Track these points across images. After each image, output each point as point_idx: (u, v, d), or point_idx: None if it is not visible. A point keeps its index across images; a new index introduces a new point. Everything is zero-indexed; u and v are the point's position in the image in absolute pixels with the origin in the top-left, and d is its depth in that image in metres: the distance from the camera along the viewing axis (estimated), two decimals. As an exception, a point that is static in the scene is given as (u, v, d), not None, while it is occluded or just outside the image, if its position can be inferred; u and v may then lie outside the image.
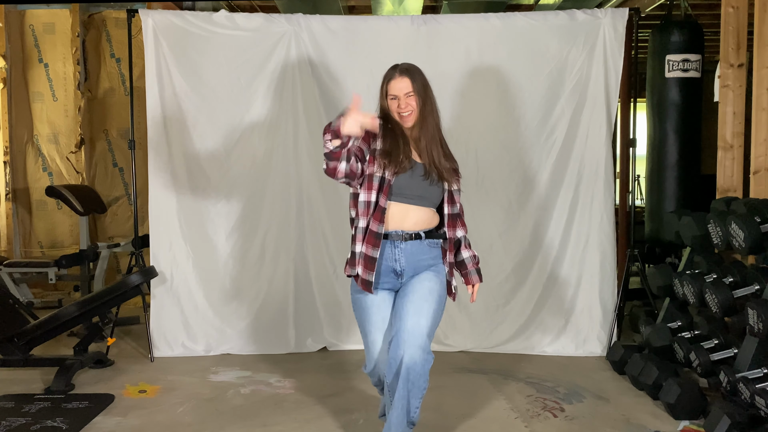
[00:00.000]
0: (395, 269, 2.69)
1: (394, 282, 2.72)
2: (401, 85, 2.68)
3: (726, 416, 2.79)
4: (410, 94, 2.68)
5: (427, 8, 6.04)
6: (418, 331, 2.55)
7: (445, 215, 2.75)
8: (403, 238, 2.68)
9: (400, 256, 2.68)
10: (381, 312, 2.71)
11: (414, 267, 2.70)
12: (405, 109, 2.68)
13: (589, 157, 4.22)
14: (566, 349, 4.25)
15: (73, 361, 3.74)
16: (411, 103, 2.68)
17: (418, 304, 2.61)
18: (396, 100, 2.68)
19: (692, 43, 4.70)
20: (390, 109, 2.71)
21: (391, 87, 2.69)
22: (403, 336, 2.54)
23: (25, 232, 6.38)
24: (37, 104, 6.33)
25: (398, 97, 2.68)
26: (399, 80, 2.69)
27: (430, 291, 2.66)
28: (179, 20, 4.19)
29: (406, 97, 2.68)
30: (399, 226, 2.68)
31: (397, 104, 2.68)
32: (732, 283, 3.24)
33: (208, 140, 4.25)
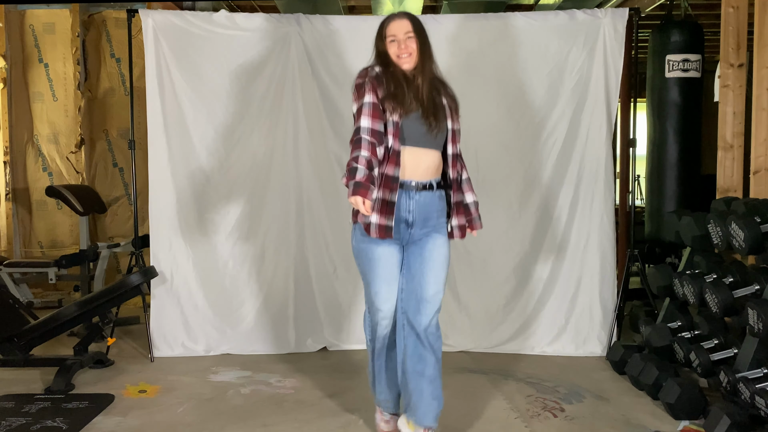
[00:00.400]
0: (407, 219, 2.71)
1: (404, 233, 2.73)
2: (401, 25, 2.70)
3: (726, 416, 2.79)
4: (410, 34, 2.70)
5: (427, 8, 6.04)
6: (437, 299, 2.70)
7: (449, 155, 2.76)
8: (417, 188, 2.69)
9: (414, 207, 2.70)
10: (388, 265, 2.74)
11: (424, 218, 2.73)
12: (405, 51, 2.69)
13: (589, 157, 4.22)
14: (566, 349, 4.25)
15: (73, 361, 3.74)
16: (410, 45, 2.69)
17: (437, 273, 2.72)
18: (395, 42, 2.69)
19: (692, 43, 4.70)
20: (389, 52, 2.71)
21: (391, 27, 2.71)
22: (424, 304, 2.68)
23: (25, 232, 6.38)
24: (37, 104, 6.33)
25: (397, 38, 2.69)
26: (399, 21, 2.72)
27: (446, 258, 2.76)
28: (179, 20, 4.19)
29: (405, 38, 2.69)
30: (412, 174, 2.69)
31: (396, 46, 2.69)
32: (732, 283, 3.24)
33: (208, 140, 4.25)
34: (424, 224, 2.73)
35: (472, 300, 4.32)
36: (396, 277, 2.77)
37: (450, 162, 2.77)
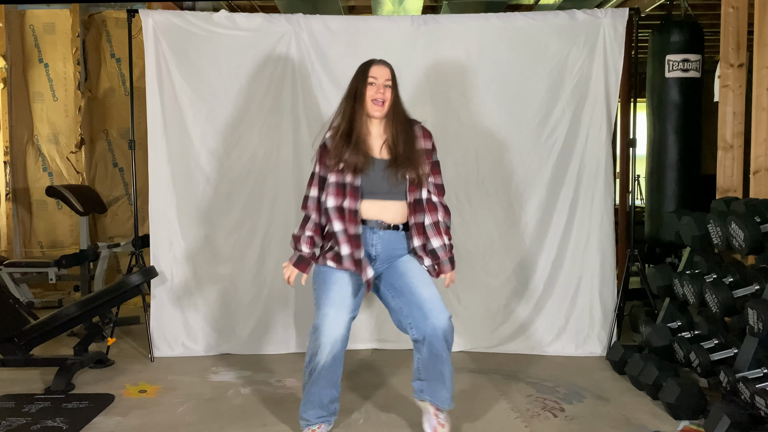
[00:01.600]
0: (370, 254, 2.83)
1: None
2: (382, 72, 2.82)
3: (726, 416, 2.79)
4: (389, 83, 2.82)
5: (427, 8, 6.04)
6: (435, 296, 2.78)
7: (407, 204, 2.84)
8: (382, 227, 2.83)
9: (377, 242, 2.83)
10: (342, 290, 2.80)
11: (388, 254, 2.86)
12: (381, 96, 2.79)
13: (589, 157, 4.22)
14: (566, 349, 4.25)
15: (73, 361, 3.74)
16: (387, 93, 2.81)
17: (423, 278, 2.82)
18: (375, 85, 2.79)
19: (692, 43, 4.70)
20: (365, 94, 2.80)
21: (373, 70, 2.81)
22: (427, 305, 2.75)
23: (25, 232, 6.38)
24: (37, 104, 6.33)
25: (377, 82, 2.79)
26: (381, 67, 2.84)
27: (419, 268, 2.86)
28: (179, 20, 4.19)
29: (384, 84, 2.80)
30: (378, 216, 2.83)
31: (375, 89, 2.79)
32: (732, 283, 3.24)
33: (208, 140, 4.25)
34: (388, 256, 2.87)
35: (472, 300, 4.32)
36: (347, 305, 2.80)
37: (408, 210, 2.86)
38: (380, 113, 2.82)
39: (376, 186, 2.81)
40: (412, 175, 2.81)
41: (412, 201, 2.83)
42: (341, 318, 2.78)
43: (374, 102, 2.79)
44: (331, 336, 2.76)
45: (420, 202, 2.85)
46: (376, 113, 2.81)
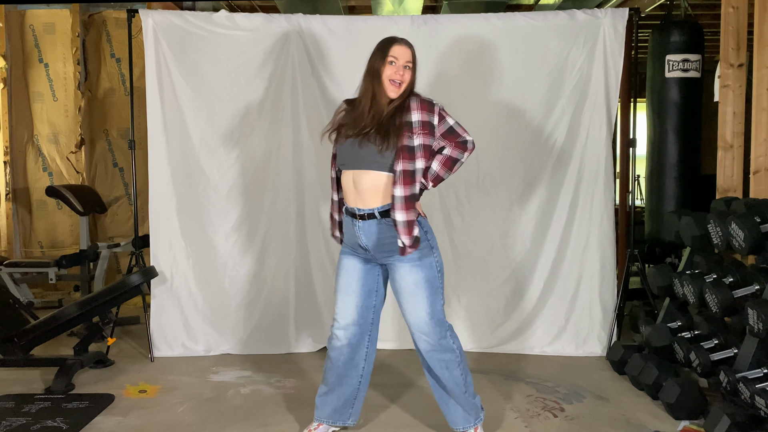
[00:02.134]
0: (360, 244, 2.76)
1: (365, 254, 2.80)
2: (404, 52, 2.72)
3: (726, 416, 2.79)
4: (409, 64, 2.73)
5: (427, 8, 6.04)
6: (421, 322, 2.74)
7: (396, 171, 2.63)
8: (361, 217, 2.71)
9: (361, 233, 2.74)
10: (347, 276, 2.83)
11: (379, 246, 2.73)
12: (399, 77, 2.69)
13: (589, 157, 4.22)
14: (566, 349, 4.25)
15: (73, 361, 3.74)
16: (406, 74, 2.72)
17: (412, 301, 2.74)
18: (394, 65, 2.69)
19: (692, 43, 4.70)
20: (382, 72, 2.69)
21: (394, 50, 2.71)
22: (412, 331, 2.79)
23: (25, 232, 6.38)
24: (37, 104, 6.33)
25: (397, 62, 2.70)
26: (403, 47, 2.74)
27: (416, 284, 2.72)
28: (179, 20, 4.19)
29: (404, 65, 2.71)
30: (354, 202, 2.73)
31: (394, 69, 2.69)
32: (732, 283, 3.24)
33: (208, 140, 4.25)
34: (380, 250, 2.74)
35: (472, 300, 4.32)
36: (354, 291, 2.82)
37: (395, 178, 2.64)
38: (395, 94, 2.72)
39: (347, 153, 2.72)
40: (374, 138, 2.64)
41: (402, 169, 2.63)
42: (348, 304, 2.83)
43: (391, 82, 2.70)
44: (343, 322, 2.84)
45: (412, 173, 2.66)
46: (391, 94, 2.71)
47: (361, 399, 2.99)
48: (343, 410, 2.97)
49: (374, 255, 2.77)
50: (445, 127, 2.78)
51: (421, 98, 2.76)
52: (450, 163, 2.79)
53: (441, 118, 2.77)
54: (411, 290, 2.73)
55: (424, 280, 2.72)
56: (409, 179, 2.66)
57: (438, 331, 2.75)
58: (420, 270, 2.72)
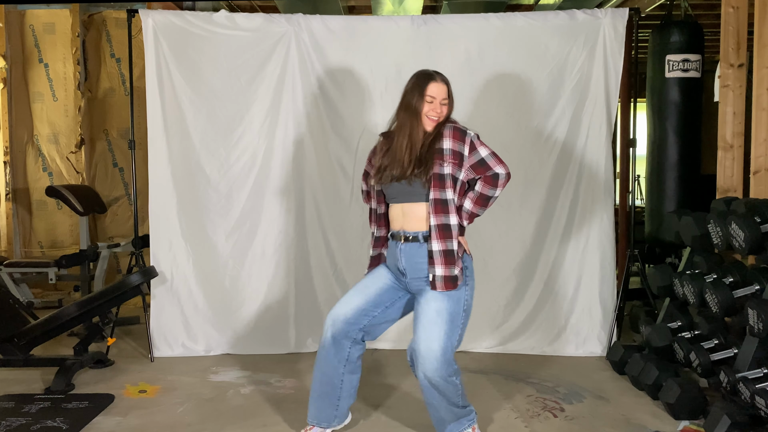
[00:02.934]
0: (398, 267, 2.80)
1: (401, 279, 2.82)
2: (441, 90, 2.77)
3: (726, 416, 2.79)
4: (445, 102, 2.79)
5: (427, 8, 6.04)
6: (431, 355, 2.65)
7: (429, 200, 2.71)
8: (405, 239, 2.76)
9: (401, 256, 2.77)
10: (370, 280, 2.88)
11: (413, 269, 2.75)
12: (436, 114, 2.75)
13: (589, 157, 4.22)
14: (566, 349, 4.25)
15: (73, 361, 3.74)
16: (443, 110, 2.78)
17: (428, 328, 2.67)
18: (433, 103, 2.75)
19: (692, 43, 4.70)
20: (421, 109, 2.75)
21: (431, 89, 2.75)
22: (419, 359, 2.68)
23: (25, 232, 6.38)
24: (37, 104, 6.33)
25: (435, 101, 2.75)
26: (440, 85, 2.78)
27: (438, 312, 2.67)
28: (179, 20, 4.19)
29: (441, 102, 2.76)
30: (401, 226, 2.79)
31: (431, 107, 2.74)
32: (732, 283, 3.24)
33: (208, 140, 4.25)
34: (415, 275, 2.75)
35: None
36: (366, 294, 2.84)
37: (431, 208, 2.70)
38: (431, 126, 2.78)
39: (395, 189, 2.78)
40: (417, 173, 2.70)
41: (435, 198, 2.69)
42: (352, 302, 2.84)
43: (429, 118, 2.76)
44: (333, 312, 2.85)
45: (442, 202, 2.70)
46: (428, 127, 2.78)
47: (345, 402, 2.95)
48: (326, 410, 2.94)
49: (409, 281, 2.78)
50: (476, 158, 2.75)
51: (455, 126, 2.78)
52: (482, 201, 2.76)
53: (472, 148, 2.75)
54: (431, 318, 2.67)
55: (447, 311, 2.68)
56: (440, 207, 2.69)
57: (444, 369, 2.67)
58: (446, 300, 2.69)
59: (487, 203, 2.77)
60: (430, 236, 2.70)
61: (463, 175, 2.74)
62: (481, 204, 2.77)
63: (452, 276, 2.68)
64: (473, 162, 2.74)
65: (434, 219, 2.69)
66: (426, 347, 2.65)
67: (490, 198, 2.77)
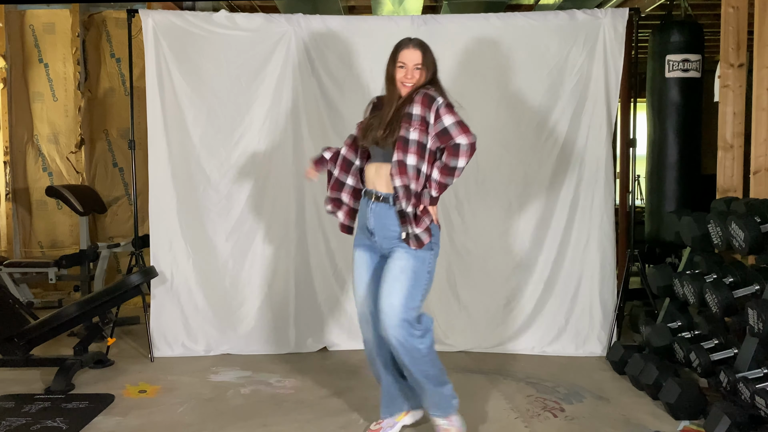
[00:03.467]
0: (368, 227, 2.85)
1: (372, 241, 2.87)
2: (412, 56, 2.80)
3: (726, 416, 2.79)
4: (419, 66, 2.80)
5: (427, 8, 6.04)
6: (392, 312, 2.70)
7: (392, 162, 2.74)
8: (375, 198, 2.82)
9: (371, 216, 2.83)
10: (358, 269, 2.94)
11: (381, 228, 2.81)
12: (409, 79, 2.79)
13: (589, 157, 4.22)
14: (566, 349, 4.25)
15: (73, 361, 3.74)
16: (416, 75, 2.80)
17: (390, 284, 2.74)
18: (404, 68, 2.80)
19: (692, 43, 4.70)
20: (395, 76, 2.82)
21: (402, 55, 2.81)
22: (382, 317, 2.73)
23: (25, 232, 6.38)
24: (37, 104, 6.33)
25: (406, 66, 2.79)
26: (411, 51, 2.81)
27: (402, 269, 2.74)
28: (179, 20, 4.19)
29: (413, 68, 2.80)
30: (373, 185, 2.86)
31: (404, 73, 2.80)
32: (732, 283, 3.24)
33: (208, 140, 4.25)
34: (384, 235, 2.81)
35: (472, 300, 4.32)
36: (365, 282, 2.92)
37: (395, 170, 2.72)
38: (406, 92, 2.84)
39: (374, 150, 2.87)
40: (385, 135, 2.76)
41: (396, 160, 2.72)
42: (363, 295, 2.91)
43: (403, 84, 2.82)
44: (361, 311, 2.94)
45: (403, 164, 2.70)
46: (403, 93, 2.84)
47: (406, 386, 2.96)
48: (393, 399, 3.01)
49: (380, 242, 2.83)
50: (439, 126, 2.69)
51: (426, 92, 2.75)
52: (446, 171, 2.72)
53: (437, 116, 2.70)
54: (394, 274, 2.74)
55: (411, 269, 2.74)
56: (403, 170, 2.70)
57: (406, 329, 2.70)
58: (411, 259, 2.75)
59: (452, 173, 2.71)
60: (397, 197, 2.72)
61: (430, 142, 2.72)
62: (446, 174, 2.72)
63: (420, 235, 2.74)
64: (437, 130, 2.70)
65: (397, 180, 2.71)
66: (388, 304, 2.71)
67: (455, 168, 2.70)
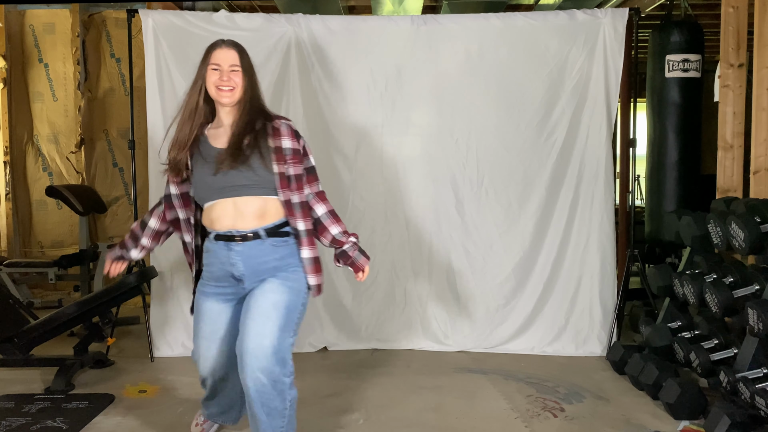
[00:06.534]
0: (233, 273, 2.43)
1: (235, 288, 2.47)
2: (227, 56, 2.47)
3: (726, 416, 2.79)
4: (235, 68, 2.46)
5: (427, 8, 6.04)
6: (261, 353, 2.30)
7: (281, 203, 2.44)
8: (239, 239, 2.40)
9: (236, 260, 2.40)
10: (212, 323, 2.52)
11: (256, 271, 2.42)
12: (226, 83, 2.43)
13: (589, 157, 4.22)
14: (566, 349, 4.25)
15: (73, 361, 3.74)
16: (234, 78, 2.45)
17: (260, 322, 2.34)
18: (218, 71, 2.45)
19: (692, 43, 4.70)
20: (207, 81, 2.46)
21: (215, 56, 2.47)
22: (246, 359, 2.32)
23: (25, 232, 6.38)
24: (37, 104, 6.33)
25: (221, 68, 2.45)
26: (225, 50, 2.48)
27: (274, 305, 2.38)
28: (179, 20, 4.18)
29: (230, 70, 2.45)
30: (232, 224, 2.41)
31: (219, 76, 2.44)
32: (732, 283, 3.24)
33: (208, 140, 4.25)
34: (257, 274, 2.43)
35: (472, 300, 4.32)
36: (221, 337, 2.53)
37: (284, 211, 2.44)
38: (229, 100, 2.45)
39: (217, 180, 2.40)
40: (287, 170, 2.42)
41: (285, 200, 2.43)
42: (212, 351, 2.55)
43: (220, 90, 2.43)
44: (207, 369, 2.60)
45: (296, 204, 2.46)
46: (224, 99, 2.44)
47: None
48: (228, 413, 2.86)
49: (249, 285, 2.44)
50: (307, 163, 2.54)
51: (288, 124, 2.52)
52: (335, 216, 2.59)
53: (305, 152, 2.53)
54: (265, 311, 2.36)
55: (284, 304, 2.40)
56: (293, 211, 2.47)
57: (277, 370, 2.32)
58: (283, 290, 2.42)
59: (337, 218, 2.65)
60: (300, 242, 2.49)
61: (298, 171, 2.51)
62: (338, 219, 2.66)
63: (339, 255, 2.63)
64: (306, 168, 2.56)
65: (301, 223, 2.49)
66: (257, 344, 2.31)
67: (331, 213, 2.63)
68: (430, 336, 4.34)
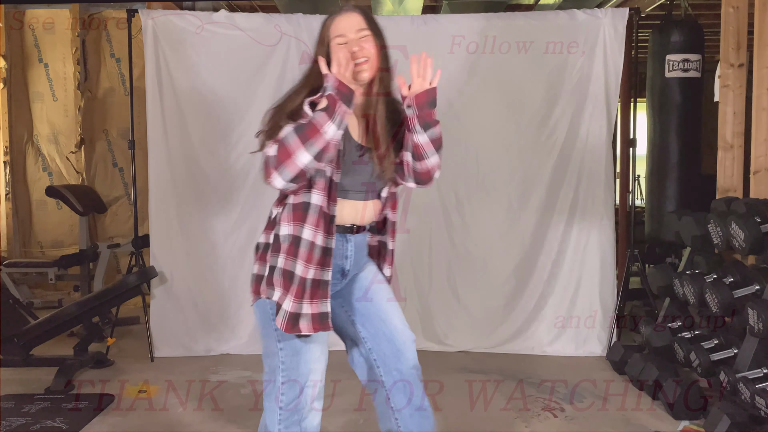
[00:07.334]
0: (344, 268, 2.09)
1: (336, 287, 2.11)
2: (351, 21, 1.92)
3: (726, 416, 2.79)
4: (365, 32, 1.92)
5: (427, 8, 6.04)
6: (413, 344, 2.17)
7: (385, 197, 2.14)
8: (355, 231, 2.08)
9: (351, 252, 2.08)
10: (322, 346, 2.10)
11: (358, 263, 2.14)
12: (361, 54, 1.89)
13: (589, 157, 4.22)
14: (566, 349, 4.25)
15: (73, 361, 3.74)
16: (367, 46, 1.90)
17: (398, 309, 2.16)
18: (346, 44, 1.91)
19: (692, 43, 4.70)
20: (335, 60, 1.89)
21: (337, 26, 1.93)
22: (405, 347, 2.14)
23: (25, 232, 6.38)
24: (37, 104, 6.33)
25: (348, 38, 1.91)
26: (347, 16, 1.93)
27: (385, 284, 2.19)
28: (179, 20, 4.19)
29: (359, 37, 1.91)
30: (353, 219, 2.07)
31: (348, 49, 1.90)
32: (732, 283, 3.24)
33: (208, 140, 4.25)
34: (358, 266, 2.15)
35: (472, 300, 4.32)
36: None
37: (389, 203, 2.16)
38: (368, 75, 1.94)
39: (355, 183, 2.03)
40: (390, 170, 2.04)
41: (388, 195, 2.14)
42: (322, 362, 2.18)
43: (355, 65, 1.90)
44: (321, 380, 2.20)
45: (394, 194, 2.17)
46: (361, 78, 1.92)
47: None
48: None
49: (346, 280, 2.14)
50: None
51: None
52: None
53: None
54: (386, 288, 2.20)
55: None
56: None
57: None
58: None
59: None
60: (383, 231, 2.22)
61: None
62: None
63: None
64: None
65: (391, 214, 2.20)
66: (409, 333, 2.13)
67: None
68: (430, 336, 4.34)
